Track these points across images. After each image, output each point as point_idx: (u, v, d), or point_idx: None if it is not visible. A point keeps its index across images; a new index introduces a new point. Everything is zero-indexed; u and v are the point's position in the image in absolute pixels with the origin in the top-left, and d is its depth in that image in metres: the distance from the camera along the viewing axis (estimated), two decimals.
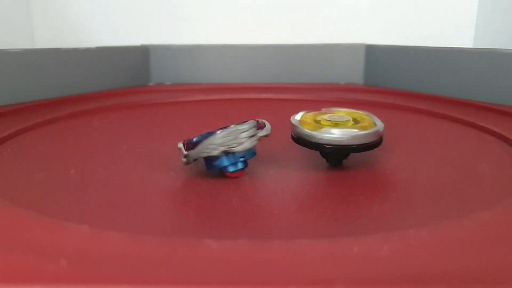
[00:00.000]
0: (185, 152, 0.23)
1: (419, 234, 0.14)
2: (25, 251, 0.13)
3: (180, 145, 0.23)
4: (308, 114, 0.26)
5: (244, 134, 0.22)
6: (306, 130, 0.24)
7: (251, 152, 0.23)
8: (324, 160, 0.26)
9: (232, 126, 0.22)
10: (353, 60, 0.58)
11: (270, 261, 0.13)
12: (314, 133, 0.23)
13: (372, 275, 0.12)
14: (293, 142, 0.25)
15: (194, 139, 0.23)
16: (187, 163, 0.23)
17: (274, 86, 0.55)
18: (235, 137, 0.22)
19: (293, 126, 0.25)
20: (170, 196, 0.21)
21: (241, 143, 0.22)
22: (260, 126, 0.23)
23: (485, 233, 0.15)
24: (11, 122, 0.34)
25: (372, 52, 0.56)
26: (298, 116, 0.26)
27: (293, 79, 0.59)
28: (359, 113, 0.26)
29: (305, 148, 0.24)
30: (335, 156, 0.25)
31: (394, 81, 0.53)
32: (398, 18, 0.58)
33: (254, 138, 0.22)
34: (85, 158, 0.27)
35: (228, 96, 0.50)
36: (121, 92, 0.51)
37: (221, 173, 0.23)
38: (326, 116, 0.25)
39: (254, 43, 0.59)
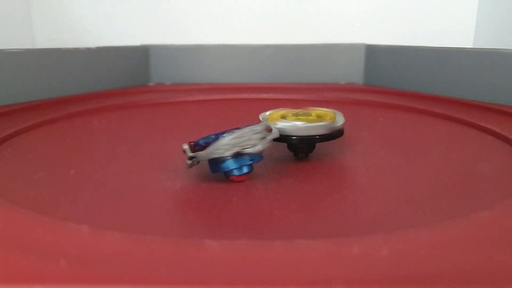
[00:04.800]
0: (190, 154, 0.22)
1: (419, 234, 0.14)
2: (25, 251, 0.13)
3: (185, 146, 0.22)
4: (278, 111, 0.28)
5: (257, 136, 0.21)
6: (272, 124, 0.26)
7: (259, 156, 0.22)
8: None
9: (244, 127, 0.22)
10: (353, 60, 0.58)
11: (270, 261, 0.13)
12: (282, 127, 0.25)
13: (372, 275, 0.12)
14: None
15: (201, 141, 0.23)
16: (191, 165, 0.22)
17: (274, 86, 0.55)
18: (249, 138, 0.21)
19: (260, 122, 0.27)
20: (170, 196, 0.21)
21: (254, 145, 0.21)
22: (268, 129, 0.23)
23: (485, 233, 0.15)
24: (11, 122, 0.34)
25: (372, 52, 0.56)
26: (267, 113, 0.28)
27: (293, 79, 0.59)
28: (326, 111, 0.28)
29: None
30: (295, 146, 0.26)
31: (394, 81, 0.53)
32: (398, 18, 0.58)
33: (266, 141, 0.22)
34: (85, 158, 0.27)
35: (228, 96, 0.50)
36: (121, 92, 0.51)
37: (226, 177, 0.22)
38: (292, 113, 0.27)
39: (254, 43, 0.59)
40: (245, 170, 0.22)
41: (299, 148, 0.26)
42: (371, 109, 0.43)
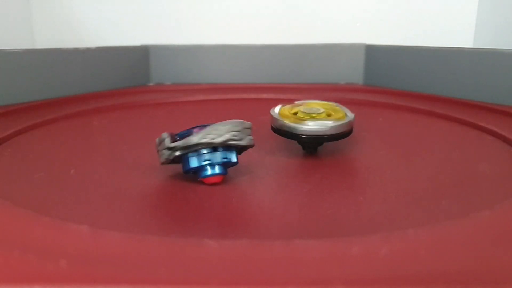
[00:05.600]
0: (171, 145, 0.21)
1: (419, 234, 0.14)
2: (25, 251, 0.13)
3: (165, 135, 0.21)
4: (285, 107, 0.29)
5: (248, 131, 0.21)
6: (286, 122, 0.26)
7: (234, 159, 0.22)
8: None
9: (231, 120, 0.21)
10: (353, 60, 0.58)
11: (270, 261, 0.13)
12: (294, 125, 0.26)
13: (372, 275, 0.12)
14: (274, 132, 0.28)
15: (179, 134, 0.22)
16: (167, 160, 0.21)
17: (274, 86, 0.55)
18: (241, 129, 0.21)
19: (273, 118, 0.27)
20: (170, 196, 0.21)
21: (242, 138, 0.21)
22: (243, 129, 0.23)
23: (485, 233, 0.15)
24: (11, 122, 0.34)
25: (372, 52, 0.56)
26: (277, 109, 0.28)
27: (293, 79, 0.59)
28: (330, 105, 0.29)
29: (284, 138, 0.27)
30: (311, 144, 0.27)
31: (394, 81, 0.53)
32: (398, 18, 0.58)
33: (251, 138, 0.22)
34: (85, 158, 0.27)
35: (228, 96, 0.50)
36: (121, 92, 0.51)
37: (196, 177, 0.22)
38: (301, 108, 0.28)
39: (254, 43, 0.59)
40: (217, 170, 0.21)
41: (307, 144, 0.27)
42: (371, 109, 0.43)
